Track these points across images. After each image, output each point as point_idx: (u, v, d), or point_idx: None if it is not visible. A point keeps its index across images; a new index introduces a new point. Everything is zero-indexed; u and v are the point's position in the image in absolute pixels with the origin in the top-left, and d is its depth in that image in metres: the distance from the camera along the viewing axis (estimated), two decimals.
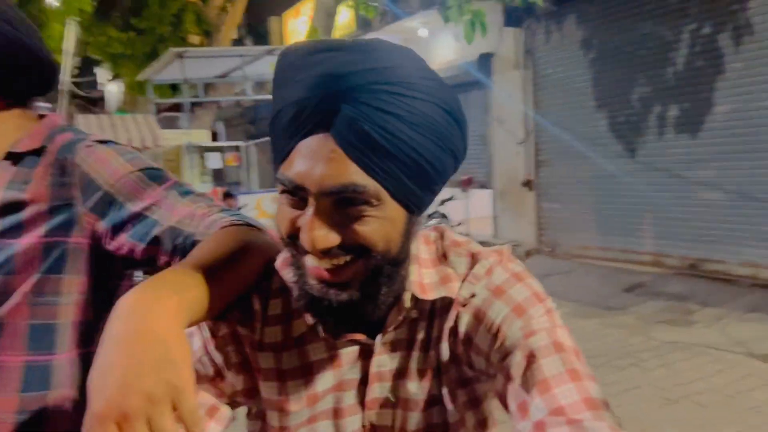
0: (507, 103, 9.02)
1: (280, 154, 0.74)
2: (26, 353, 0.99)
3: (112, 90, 21.17)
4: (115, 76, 18.95)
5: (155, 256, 1.01)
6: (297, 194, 0.72)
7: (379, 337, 0.83)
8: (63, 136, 1.08)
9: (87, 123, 11.75)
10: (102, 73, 20.27)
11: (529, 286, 0.83)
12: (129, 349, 0.66)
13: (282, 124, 0.72)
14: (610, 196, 7.78)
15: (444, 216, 6.86)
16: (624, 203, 7.60)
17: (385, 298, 0.77)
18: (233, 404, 0.88)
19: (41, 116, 1.10)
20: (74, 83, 18.02)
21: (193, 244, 0.95)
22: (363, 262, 0.73)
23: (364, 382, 0.85)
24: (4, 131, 1.05)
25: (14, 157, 1.04)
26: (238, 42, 16.21)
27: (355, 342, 0.84)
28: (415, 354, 0.86)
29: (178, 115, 15.07)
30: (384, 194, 0.71)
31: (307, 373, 0.85)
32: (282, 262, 0.84)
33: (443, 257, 0.86)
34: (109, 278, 1.06)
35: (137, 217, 1.01)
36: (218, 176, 12.15)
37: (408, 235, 0.76)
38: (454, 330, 0.84)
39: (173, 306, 0.72)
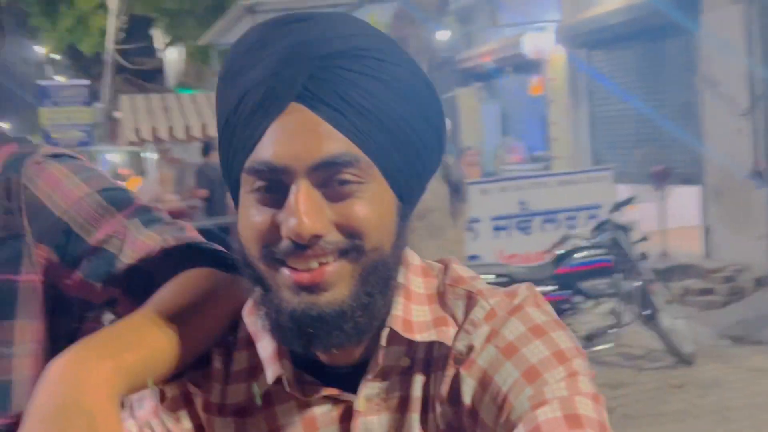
0: (722, 54, 8.81)
1: (246, 144, 0.89)
2: None
3: (172, 58, 22.24)
4: (173, 40, 19.95)
5: (116, 299, 1.15)
6: (273, 185, 0.87)
7: (361, 389, 0.95)
8: (6, 149, 1.20)
9: (133, 106, 12.51)
10: (159, 37, 21.47)
11: (551, 342, 0.91)
12: (51, 424, 0.82)
13: (247, 110, 0.89)
14: None
15: (622, 228, 6.57)
16: None
17: (381, 311, 0.92)
18: None
19: None
20: (120, 51, 19.27)
21: (154, 287, 1.07)
22: (352, 259, 0.88)
23: None
24: None
25: None
26: None
27: (331, 399, 0.96)
28: (412, 416, 0.96)
29: None
30: (375, 171, 0.88)
31: None
32: (250, 307, 0.98)
33: (441, 296, 0.98)
34: (69, 322, 1.20)
35: (94, 251, 1.14)
36: None
37: (400, 231, 0.93)
38: (454, 396, 0.93)
39: (105, 372, 0.87)
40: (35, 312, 1.16)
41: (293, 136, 0.85)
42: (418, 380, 0.96)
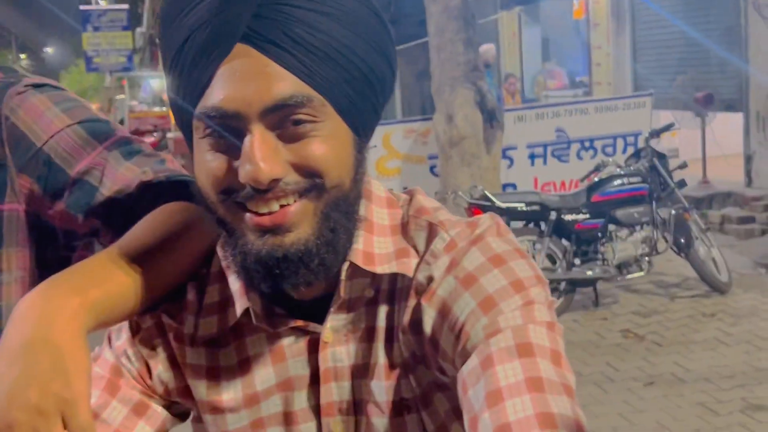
0: None
1: (194, 89, 0.88)
2: None
3: None
4: None
5: (98, 230, 1.17)
6: (225, 130, 0.86)
7: (327, 321, 0.97)
8: None
9: None
10: None
11: (509, 271, 0.91)
12: (18, 358, 0.85)
13: (192, 53, 0.86)
14: None
15: (660, 155, 6.45)
16: None
17: (345, 245, 0.93)
18: (171, 406, 1.06)
19: None
20: None
21: (134, 219, 1.09)
22: (313, 197, 0.88)
23: (317, 381, 0.99)
24: None
25: None
26: None
27: (299, 330, 0.98)
28: (378, 346, 0.98)
29: None
30: (328, 108, 0.87)
31: (244, 368, 1.01)
32: (221, 241, 0.98)
33: (405, 227, 0.99)
34: (57, 250, 1.23)
35: (75, 182, 1.16)
36: None
37: (358, 165, 0.92)
38: (416, 326, 0.95)
39: (72, 308, 0.89)
40: (21, 240, 1.18)
41: (242, 80, 0.83)
42: (383, 311, 0.97)
